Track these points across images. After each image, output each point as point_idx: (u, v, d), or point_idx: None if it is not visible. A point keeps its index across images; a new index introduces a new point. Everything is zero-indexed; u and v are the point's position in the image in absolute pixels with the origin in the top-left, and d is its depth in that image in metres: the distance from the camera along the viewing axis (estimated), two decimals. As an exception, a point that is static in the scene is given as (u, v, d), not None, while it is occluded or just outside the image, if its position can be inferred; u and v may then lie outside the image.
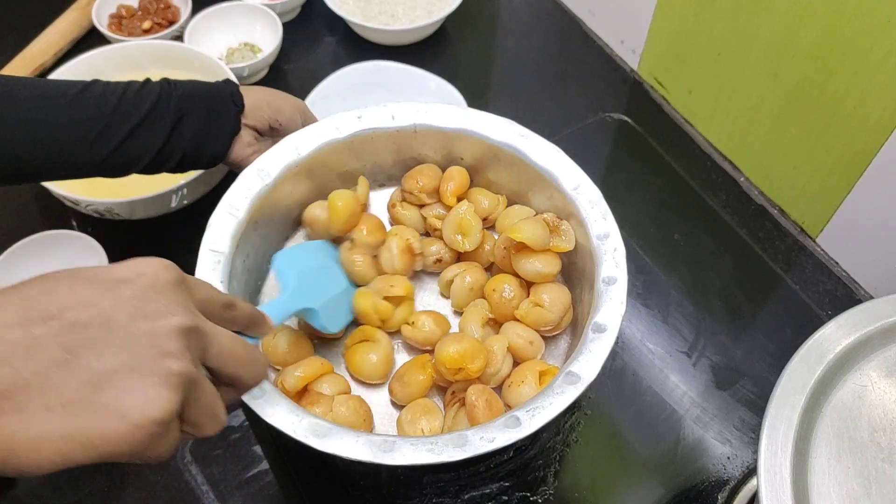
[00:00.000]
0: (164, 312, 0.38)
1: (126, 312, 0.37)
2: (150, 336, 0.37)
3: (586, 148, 0.90)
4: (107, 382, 0.35)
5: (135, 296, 0.38)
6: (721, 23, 0.81)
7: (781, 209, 0.85)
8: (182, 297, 0.40)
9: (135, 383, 0.35)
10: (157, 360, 0.36)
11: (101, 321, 0.36)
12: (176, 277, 0.40)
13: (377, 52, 0.96)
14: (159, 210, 0.77)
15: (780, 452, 0.50)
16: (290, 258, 0.65)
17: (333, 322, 0.64)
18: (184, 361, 0.37)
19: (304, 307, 0.61)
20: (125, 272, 0.39)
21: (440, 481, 0.66)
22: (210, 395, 0.40)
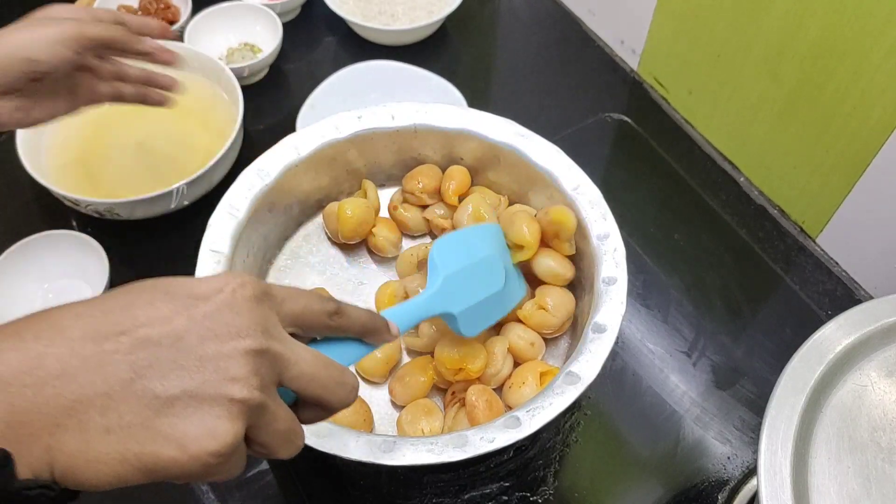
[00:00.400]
0: (235, 334, 0.36)
1: (197, 332, 0.36)
2: (216, 360, 0.35)
3: (586, 148, 0.90)
4: (168, 409, 0.34)
5: (208, 315, 0.36)
6: (721, 23, 0.81)
7: (781, 209, 0.85)
8: (259, 316, 0.38)
9: (196, 412, 0.34)
10: (220, 386, 0.35)
11: (172, 340, 0.35)
12: (256, 293, 0.38)
13: (377, 52, 0.96)
14: (159, 210, 0.77)
15: (780, 452, 0.50)
16: (451, 247, 0.60)
17: (471, 328, 0.60)
18: (248, 387, 0.35)
19: (443, 312, 0.57)
20: (205, 288, 0.37)
21: (440, 481, 0.66)
22: (282, 421, 0.38)
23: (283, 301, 0.40)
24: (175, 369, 0.35)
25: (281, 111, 0.92)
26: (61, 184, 0.77)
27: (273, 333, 0.38)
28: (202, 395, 0.34)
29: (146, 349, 0.34)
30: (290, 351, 0.38)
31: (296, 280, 0.72)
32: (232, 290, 0.37)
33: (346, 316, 0.43)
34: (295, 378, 0.39)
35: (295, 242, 0.74)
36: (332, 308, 0.43)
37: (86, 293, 0.74)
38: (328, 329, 0.43)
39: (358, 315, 0.45)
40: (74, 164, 0.81)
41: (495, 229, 0.65)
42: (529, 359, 0.64)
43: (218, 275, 0.39)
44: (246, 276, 0.39)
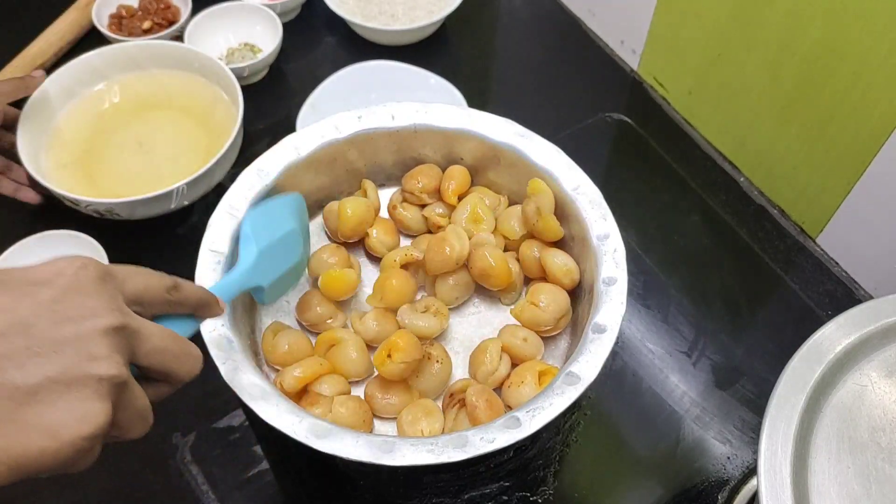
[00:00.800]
0: (89, 313, 0.36)
1: (47, 317, 0.35)
2: (76, 341, 0.35)
3: (586, 148, 0.90)
4: (31, 398, 0.33)
5: (55, 298, 0.36)
6: (721, 23, 0.81)
7: (781, 209, 0.85)
8: (108, 294, 0.37)
9: (63, 397, 0.33)
10: (84, 366, 0.34)
11: (21, 328, 0.34)
12: (99, 273, 0.38)
13: (377, 52, 0.96)
14: (159, 210, 0.77)
15: (780, 452, 0.50)
16: (260, 221, 0.63)
17: (273, 295, 0.64)
18: (113, 365, 0.35)
19: (255, 285, 0.60)
20: (43, 273, 0.37)
21: (440, 481, 0.66)
22: (140, 398, 0.38)
23: (125, 279, 0.40)
24: (31, 357, 0.34)
25: (281, 111, 0.92)
26: (61, 184, 0.77)
27: (124, 310, 0.38)
28: (67, 379, 0.34)
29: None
30: (141, 325, 0.39)
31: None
32: (74, 271, 0.37)
33: (182, 291, 0.45)
34: (147, 353, 0.39)
35: (295, 242, 0.74)
36: (170, 283, 0.44)
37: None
38: (167, 304, 0.44)
39: (193, 290, 0.47)
40: (74, 165, 0.81)
41: (298, 199, 0.67)
42: (526, 357, 0.64)
43: (53, 260, 0.38)
44: (83, 257, 0.38)
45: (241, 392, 0.55)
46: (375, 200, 0.73)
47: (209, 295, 0.49)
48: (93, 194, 0.76)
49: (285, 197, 0.67)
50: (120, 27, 0.95)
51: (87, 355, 0.35)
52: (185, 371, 0.42)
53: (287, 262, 0.64)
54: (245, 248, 0.60)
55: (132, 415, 0.38)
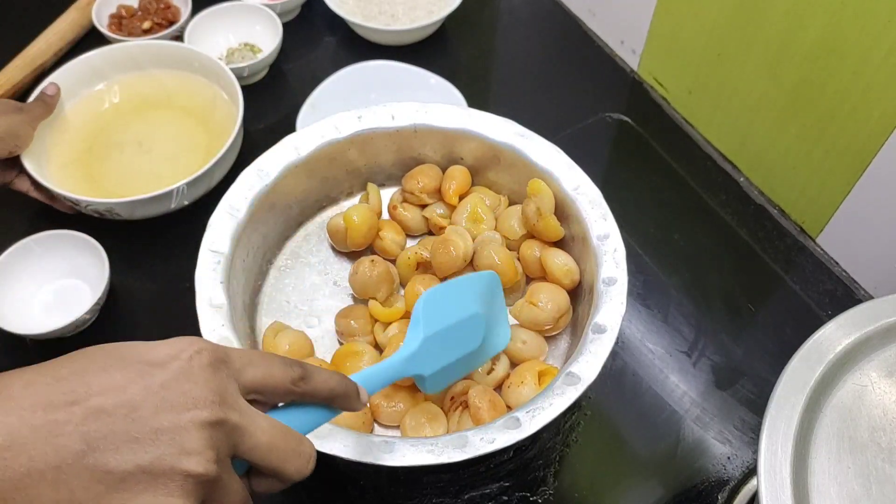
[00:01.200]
0: (191, 405, 0.35)
1: (152, 403, 0.34)
2: (172, 432, 0.34)
3: (586, 148, 0.90)
4: (120, 484, 0.33)
5: (164, 384, 0.35)
6: (721, 23, 0.81)
7: (781, 209, 0.85)
8: (217, 385, 0.36)
9: (148, 488, 0.33)
10: (175, 460, 0.34)
11: (126, 411, 0.34)
12: (213, 360, 0.37)
13: (377, 52, 0.96)
14: (159, 210, 0.77)
15: (780, 452, 0.50)
16: (439, 302, 0.56)
17: (437, 386, 0.57)
18: (204, 461, 0.34)
19: (415, 374, 0.54)
20: (161, 354, 0.36)
21: (440, 481, 0.66)
22: (235, 494, 0.37)
23: (243, 368, 0.39)
24: (128, 442, 0.33)
25: (281, 111, 0.92)
26: (62, 184, 0.77)
27: (230, 403, 0.37)
28: (156, 471, 0.33)
29: (99, 419, 0.33)
30: (247, 421, 0.37)
31: (296, 280, 0.72)
32: (189, 356, 0.36)
33: (312, 382, 0.41)
34: (251, 449, 0.37)
35: (295, 242, 0.74)
36: (297, 375, 0.41)
37: (86, 293, 0.74)
38: (292, 395, 0.41)
39: (325, 381, 0.42)
40: (75, 165, 0.81)
41: (492, 278, 0.63)
42: (526, 358, 0.64)
43: (173, 340, 0.37)
44: (203, 341, 0.38)
45: (242, 392, 0.55)
46: (377, 204, 0.73)
47: (347, 385, 0.44)
48: (93, 194, 0.75)
49: (477, 275, 0.62)
50: (120, 27, 0.95)
51: (180, 448, 0.34)
52: (291, 470, 0.39)
53: (461, 349, 0.57)
54: (410, 333, 0.54)
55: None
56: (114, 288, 0.75)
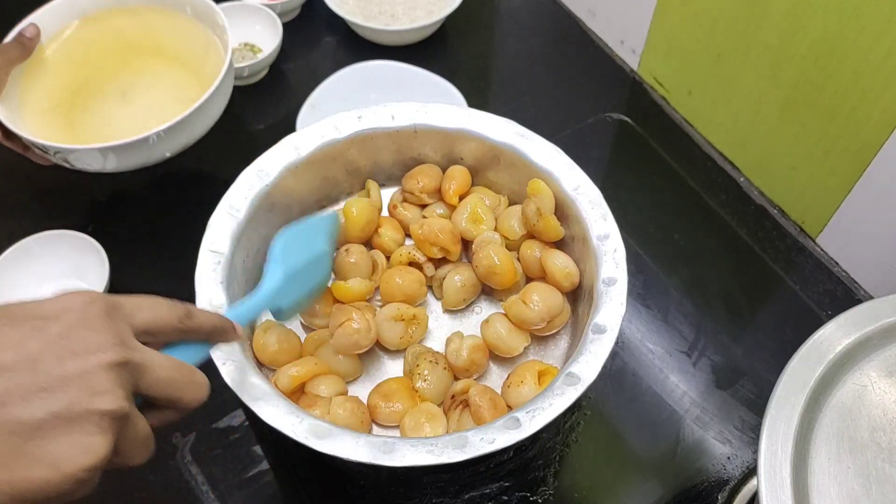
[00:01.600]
0: (93, 348, 0.37)
1: (54, 353, 0.36)
2: (80, 377, 0.36)
3: (586, 148, 0.90)
4: (35, 433, 0.34)
5: (62, 333, 0.37)
6: (721, 23, 0.81)
7: (781, 209, 0.85)
8: (114, 329, 0.38)
9: (66, 431, 0.35)
10: (88, 402, 0.35)
11: (28, 364, 0.35)
12: (105, 307, 0.39)
13: (377, 52, 0.96)
14: (135, 161, 0.71)
15: (780, 452, 0.50)
16: (293, 242, 0.61)
17: (291, 313, 0.62)
18: (115, 399, 0.36)
19: (275, 307, 0.59)
20: (52, 308, 0.38)
21: (440, 481, 0.66)
22: (142, 428, 0.39)
23: (133, 311, 0.41)
24: (37, 391, 0.35)
25: (281, 111, 0.92)
26: (38, 131, 0.72)
27: (129, 344, 0.39)
28: (71, 415, 0.35)
29: (2, 376, 0.34)
30: (146, 359, 0.40)
31: (296, 280, 0.72)
32: (81, 306, 0.38)
33: (195, 319, 0.45)
34: (152, 384, 0.40)
35: (295, 242, 0.74)
36: (182, 312, 0.44)
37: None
38: (179, 333, 0.44)
39: (207, 318, 0.46)
40: (52, 113, 0.76)
41: (333, 218, 0.67)
42: (502, 352, 0.65)
43: (62, 294, 0.39)
44: (91, 292, 0.39)
45: (242, 393, 0.55)
46: (378, 201, 0.73)
47: (224, 321, 0.49)
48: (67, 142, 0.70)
49: (322, 216, 0.66)
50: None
51: (89, 390, 0.36)
52: (189, 399, 0.42)
53: (311, 282, 0.63)
54: (271, 271, 0.58)
55: (134, 444, 0.39)
56: (114, 288, 0.75)
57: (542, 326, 0.65)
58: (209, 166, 0.86)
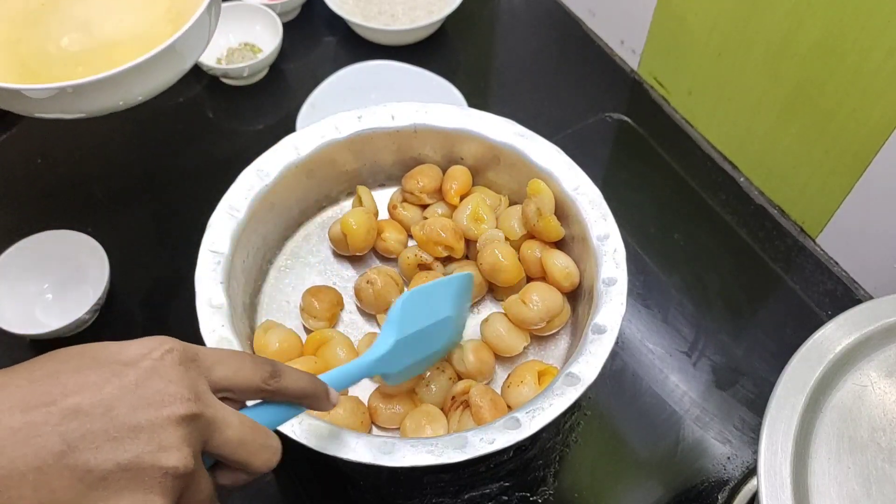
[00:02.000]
0: (166, 400, 0.36)
1: (128, 401, 0.35)
2: (150, 429, 0.35)
3: (586, 148, 0.90)
4: (101, 482, 0.33)
5: (138, 382, 0.36)
6: (721, 23, 0.81)
7: (781, 209, 0.85)
8: (188, 380, 0.37)
9: (128, 486, 0.34)
10: (154, 456, 0.34)
11: (103, 410, 0.34)
12: (181, 357, 0.38)
13: (377, 52, 0.96)
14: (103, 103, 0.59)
15: (780, 452, 0.50)
16: (415, 304, 0.57)
17: (402, 378, 0.59)
18: (182, 456, 0.35)
19: (383, 373, 0.55)
20: (132, 353, 0.37)
21: (440, 481, 0.66)
22: (204, 488, 0.38)
23: (212, 366, 0.39)
24: (108, 440, 0.34)
25: (281, 111, 0.92)
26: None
27: (203, 399, 0.37)
28: (136, 468, 0.34)
29: (77, 419, 0.34)
30: (219, 417, 0.38)
31: (296, 280, 0.72)
32: (160, 355, 0.37)
33: (282, 382, 0.42)
34: (222, 444, 0.38)
35: (295, 242, 0.74)
36: (268, 373, 0.42)
37: (86, 293, 0.74)
38: (263, 394, 0.42)
39: (296, 381, 0.43)
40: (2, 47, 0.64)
41: (466, 281, 0.63)
42: (502, 350, 0.65)
43: (144, 339, 0.38)
44: (172, 340, 0.38)
45: (241, 392, 0.55)
46: (372, 205, 0.73)
47: (316, 385, 0.45)
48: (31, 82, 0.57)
49: (452, 277, 0.62)
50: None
51: (157, 444, 0.35)
52: (259, 464, 0.40)
53: (429, 349, 0.59)
54: (383, 334, 0.55)
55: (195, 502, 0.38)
56: (114, 288, 0.75)
57: (542, 326, 0.65)
58: (209, 166, 0.86)
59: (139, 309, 0.76)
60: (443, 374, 0.63)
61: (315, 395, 0.45)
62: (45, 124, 0.87)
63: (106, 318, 0.74)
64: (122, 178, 0.86)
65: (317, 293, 0.68)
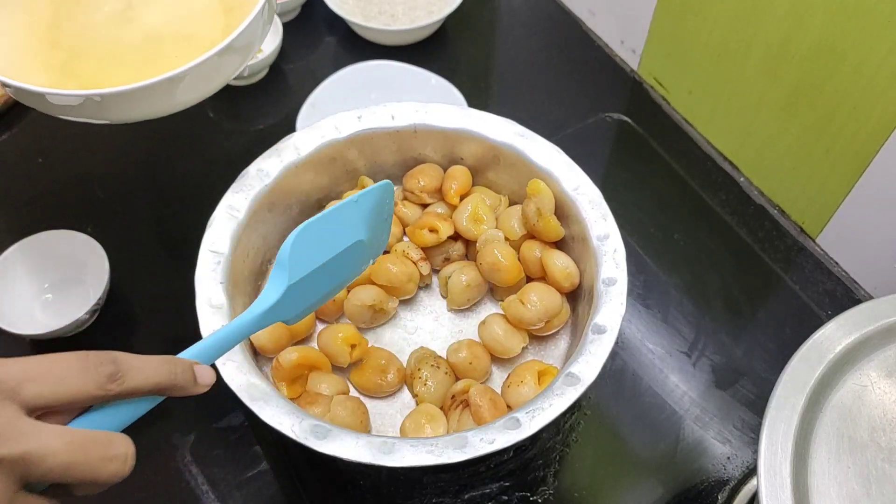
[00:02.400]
0: None
1: None
2: None
3: (586, 148, 0.90)
4: None
5: None
6: (721, 23, 0.81)
7: (781, 209, 0.85)
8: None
9: None
10: None
11: None
12: None
13: (377, 52, 0.96)
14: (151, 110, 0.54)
15: (780, 452, 0.50)
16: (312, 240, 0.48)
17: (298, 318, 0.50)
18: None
19: (273, 322, 0.47)
20: None
21: (440, 481, 0.66)
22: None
23: (20, 385, 0.33)
24: None
25: (281, 111, 0.92)
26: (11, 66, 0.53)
27: (5, 434, 0.32)
28: None
29: None
30: (32, 447, 0.33)
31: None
32: None
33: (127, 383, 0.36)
34: (45, 475, 0.33)
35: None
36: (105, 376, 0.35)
37: (86, 293, 0.74)
38: (102, 400, 0.36)
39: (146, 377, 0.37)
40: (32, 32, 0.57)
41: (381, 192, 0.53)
42: (499, 352, 0.65)
43: None
44: None
45: (241, 393, 0.55)
46: None
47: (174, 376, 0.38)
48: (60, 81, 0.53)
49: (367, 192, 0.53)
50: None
51: None
52: (105, 478, 0.35)
53: (334, 280, 0.51)
54: (272, 281, 0.47)
55: None
56: (114, 288, 0.75)
57: (541, 326, 0.65)
58: (209, 166, 0.86)
59: (139, 309, 0.76)
60: (437, 370, 0.63)
61: (174, 386, 0.38)
62: (45, 124, 0.87)
63: (106, 318, 0.74)
64: (123, 177, 0.86)
65: None
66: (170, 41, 0.57)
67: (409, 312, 0.70)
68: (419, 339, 0.69)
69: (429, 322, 0.70)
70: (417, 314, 0.70)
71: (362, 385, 0.64)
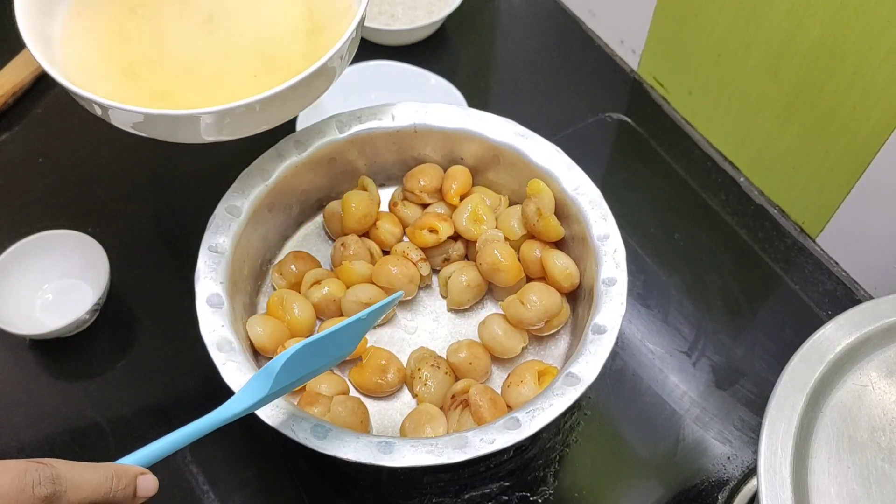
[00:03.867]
0: None
1: None
2: None
3: (586, 148, 0.90)
4: None
5: None
6: (721, 23, 0.81)
7: (781, 209, 0.85)
8: None
9: None
10: None
11: None
12: None
13: (377, 52, 0.96)
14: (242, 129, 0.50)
15: (780, 452, 0.50)
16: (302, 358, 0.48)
17: None
18: None
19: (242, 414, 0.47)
20: None
21: (440, 481, 0.66)
22: None
23: None
24: None
25: (281, 111, 0.92)
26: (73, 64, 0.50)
27: None
28: None
29: None
30: None
31: (296, 280, 0.72)
32: None
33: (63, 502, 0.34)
34: None
35: (295, 242, 0.74)
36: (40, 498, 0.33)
37: (86, 293, 0.74)
38: None
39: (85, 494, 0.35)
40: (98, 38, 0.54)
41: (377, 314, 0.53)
42: (499, 353, 0.65)
43: None
44: None
45: (242, 392, 0.55)
46: (376, 195, 0.73)
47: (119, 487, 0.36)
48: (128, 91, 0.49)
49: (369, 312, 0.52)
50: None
51: None
52: None
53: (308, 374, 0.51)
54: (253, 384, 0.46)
55: None
56: (114, 288, 0.75)
57: (541, 326, 0.65)
58: (209, 166, 0.86)
59: (139, 309, 0.76)
60: (437, 370, 0.63)
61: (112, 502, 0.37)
62: (45, 124, 0.87)
63: (106, 318, 0.74)
64: (123, 177, 0.86)
65: (297, 258, 0.70)
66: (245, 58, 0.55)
67: (409, 312, 0.70)
68: (419, 340, 0.69)
69: (429, 322, 0.70)
70: (417, 314, 0.70)
71: (362, 385, 0.64)
